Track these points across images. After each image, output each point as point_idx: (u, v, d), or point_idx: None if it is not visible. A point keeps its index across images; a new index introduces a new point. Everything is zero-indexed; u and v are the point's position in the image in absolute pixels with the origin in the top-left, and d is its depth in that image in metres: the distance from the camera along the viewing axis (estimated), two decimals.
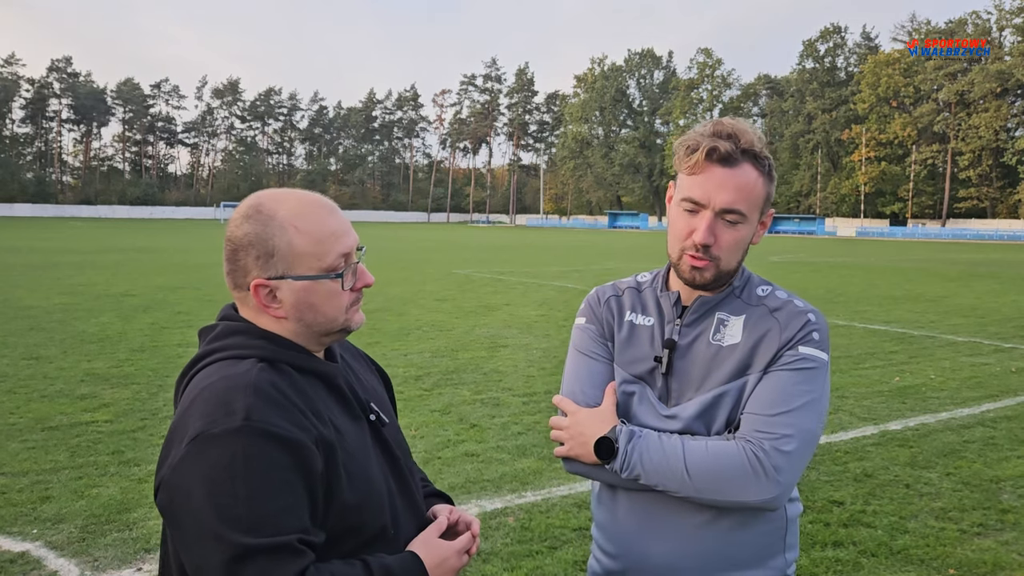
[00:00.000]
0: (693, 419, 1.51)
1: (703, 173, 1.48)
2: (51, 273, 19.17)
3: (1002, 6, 79.09)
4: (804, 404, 1.45)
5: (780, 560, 1.56)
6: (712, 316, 1.57)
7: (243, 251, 1.31)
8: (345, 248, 1.34)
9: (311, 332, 1.36)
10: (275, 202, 1.33)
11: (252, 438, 1.17)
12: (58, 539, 4.09)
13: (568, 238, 57.44)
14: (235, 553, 1.13)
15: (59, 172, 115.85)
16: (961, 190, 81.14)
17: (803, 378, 1.47)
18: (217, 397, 1.22)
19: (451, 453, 5.62)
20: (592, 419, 1.54)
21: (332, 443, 1.26)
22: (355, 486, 1.29)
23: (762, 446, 1.42)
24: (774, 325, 1.52)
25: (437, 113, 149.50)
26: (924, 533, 4.32)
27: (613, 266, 26.53)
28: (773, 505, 1.44)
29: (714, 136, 1.48)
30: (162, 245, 34.44)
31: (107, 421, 6.23)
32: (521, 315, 13.04)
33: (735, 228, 1.49)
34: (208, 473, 1.16)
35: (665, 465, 1.45)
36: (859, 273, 24.67)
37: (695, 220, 1.50)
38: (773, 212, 1.61)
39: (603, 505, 1.63)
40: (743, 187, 1.48)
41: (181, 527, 1.20)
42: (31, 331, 10.42)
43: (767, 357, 1.50)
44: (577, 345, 1.68)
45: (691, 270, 1.52)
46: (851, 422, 6.57)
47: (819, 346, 1.51)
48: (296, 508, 1.19)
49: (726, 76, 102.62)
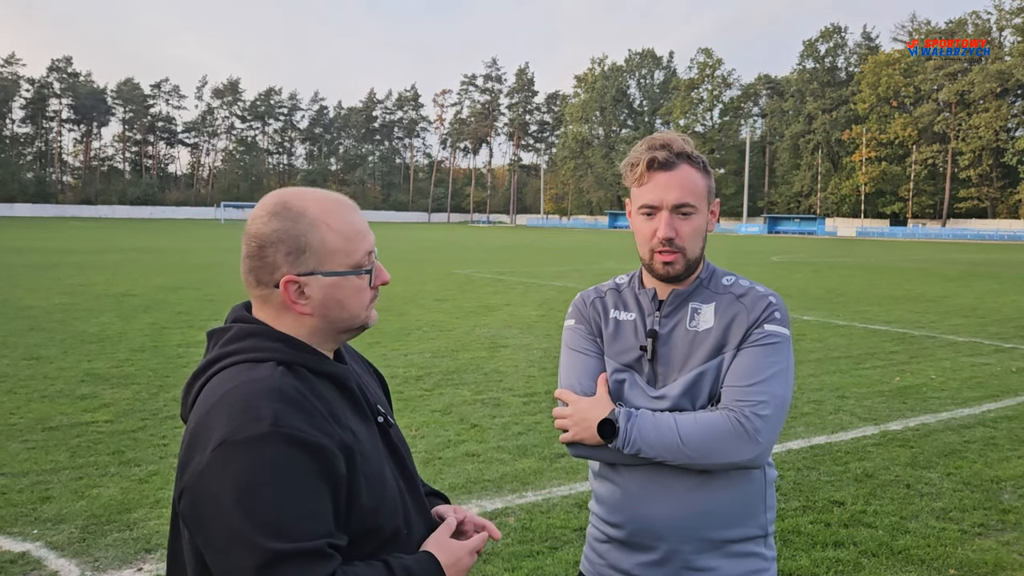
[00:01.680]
0: (679, 397, 1.71)
1: (650, 181, 1.72)
2: (51, 273, 19.18)
3: (1002, 6, 79.09)
4: (774, 374, 1.67)
5: (762, 518, 1.77)
6: (686, 306, 1.78)
7: (272, 247, 1.31)
8: (369, 246, 1.37)
9: (332, 329, 1.37)
10: (302, 200, 1.34)
11: (280, 444, 1.17)
12: (58, 539, 4.09)
13: (568, 238, 57.45)
14: (266, 559, 1.13)
15: (59, 172, 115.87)
16: (961, 190, 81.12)
17: (771, 351, 1.69)
18: (241, 402, 1.21)
19: (452, 453, 5.62)
20: (592, 405, 1.73)
21: (351, 447, 1.26)
22: (372, 489, 1.30)
23: (743, 412, 1.64)
24: (741, 309, 1.74)
25: (437, 113, 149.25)
26: (925, 533, 4.31)
27: (613, 266, 26.52)
28: (756, 464, 1.67)
29: (650, 149, 1.72)
30: (162, 245, 34.46)
31: (107, 421, 6.23)
32: (521, 315, 13.05)
33: (690, 219, 1.72)
34: (236, 480, 1.16)
35: (661, 438, 1.65)
36: (859, 273, 24.67)
37: (654, 222, 1.72)
38: (719, 201, 1.83)
39: (603, 479, 1.82)
40: (686, 183, 1.71)
41: (208, 534, 1.19)
42: (31, 331, 10.43)
43: (738, 336, 1.71)
44: (569, 344, 1.87)
45: (663, 265, 1.73)
46: (852, 422, 6.57)
47: (781, 323, 1.73)
48: (323, 513, 1.20)
49: (726, 76, 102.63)
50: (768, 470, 1.80)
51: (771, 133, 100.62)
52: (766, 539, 1.79)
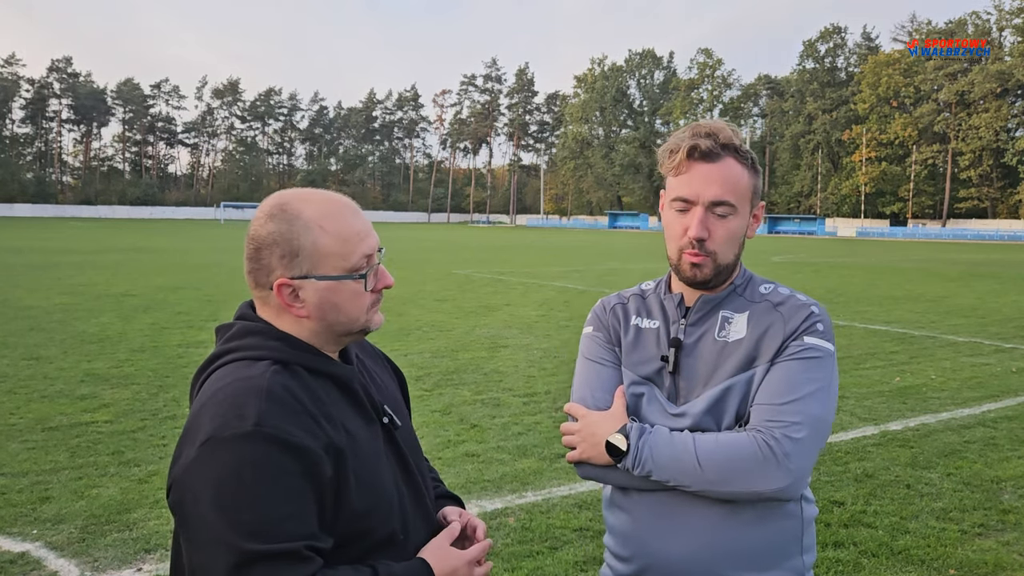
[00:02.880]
0: (702, 415, 1.52)
1: (688, 171, 1.53)
2: (51, 273, 19.18)
3: (1002, 6, 79.01)
4: (812, 392, 1.47)
5: (798, 562, 1.55)
6: (716, 314, 1.59)
7: (267, 250, 1.31)
8: (368, 249, 1.34)
9: (331, 332, 1.36)
10: (301, 201, 1.32)
11: (262, 444, 1.17)
12: (58, 539, 4.09)
13: (568, 238, 57.44)
14: (241, 559, 1.14)
15: (59, 172, 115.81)
16: (961, 190, 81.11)
17: (810, 367, 1.49)
18: (229, 400, 1.22)
19: (451, 453, 5.62)
20: (603, 421, 1.56)
21: (342, 448, 1.26)
22: (364, 492, 1.28)
23: (772, 434, 1.43)
24: (778, 318, 1.55)
25: (437, 113, 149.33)
26: (925, 533, 4.31)
27: (613, 266, 26.53)
28: (787, 495, 1.44)
29: (694, 136, 1.53)
30: (162, 245, 34.45)
31: (107, 421, 6.23)
32: (521, 315, 13.04)
33: (727, 220, 1.53)
34: (217, 477, 1.16)
35: (676, 458, 1.47)
36: (859, 273, 24.67)
37: (687, 218, 1.53)
38: (764, 205, 1.64)
39: (616, 508, 1.63)
40: (728, 179, 1.52)
41: (189, 528, 1.20)
42: (31, 331, 10.42)
43: (773, 348, 1.52)
44: (585, 353, 1.70)
45: (691, 267, 1.55)
46: (852, 422, 6.57)
47: (824, 336, 1.54)
48: (304, 515, 1.19)
49: (726, 76, 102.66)
50: (808, 507, 1.58)
51: (771, 133, 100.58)
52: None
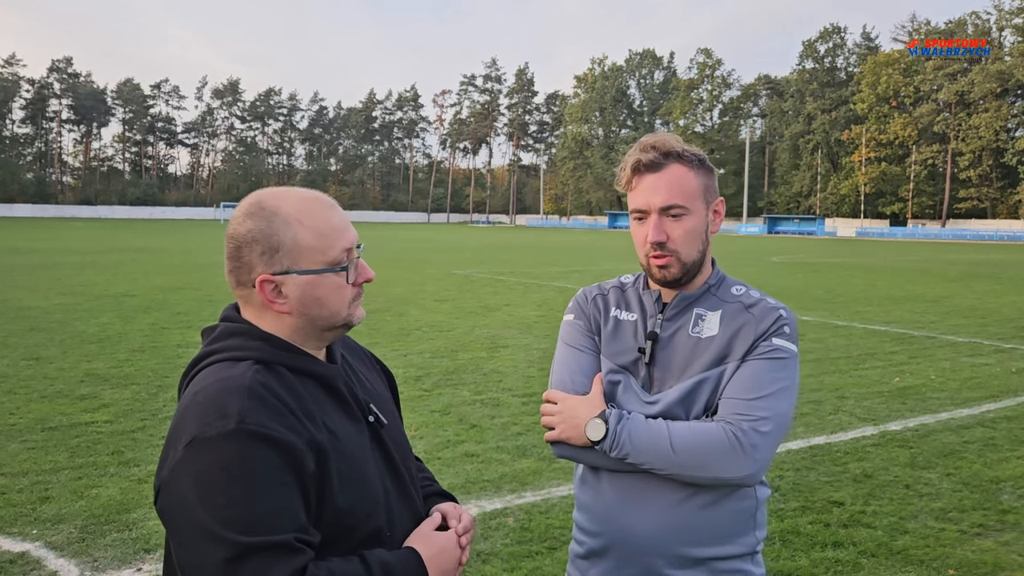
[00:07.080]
0: (674, 404, 1.64)
1: (638, 185, 1.68)
2: (51, 273, 19.18)
3: (1002, 6, 78.90)
4: (779, 390, 1.60)
5: (751, 538, 1.69)
6: (691, 311, 1.72)
7: (247, 247, 1.32)
8: (348, 243, 1.36)
9: (314, 327, 1.37)
10: (277, 199, 1.34)
11: (245, 440, 1.19)
12: (58, 539, 4.09)
13: (568, 238, 57.44)
14: (234, 552, 1.15)
15: (59, 172, 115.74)
16: (961, 190, 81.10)
17: (776, 367, 1.62)
18: (212, 400, 1.23)
19: (451, 453, 5.62)
20: (582, 404, 1.67)
21: (324, 446, 1.27)
22: (348, 489, 1.29)
23: (741, 426, 1.56)
24: (750, 319, 1.67)
25: (437, 113, 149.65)
26: (924, 534, 4.32)
27: (613, 266, 26.52)
28: (749, 482, 1.58)
29: (638, 151, 1.68)
30: (162, 245, 34.44)
31: (107, 421, 6.23)
32: (521, 315, 13.05)
33: (682, 221, 1.66)
34: (203, 476, 1.18)
35: (652, 443, 1.58)
36: (859, 273, 24.67)
37: (645, 226, 1.68)
38: (723, 200, 1.76)
39: (587, 486, 1.75)
40: (674, 184, 1.65)
41: (178, 529, 1.21)
42: (31, 331, 10.43)
43: (744, 347, 1.64)
44: (565, 339, 1.81)
45: (658, 270, 1.68)
46: (851, 422, 6.57)
47: (790, 339, 1.66)
48: (292, 508, 1.21)
49: (726, 76, 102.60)
50: (761, 489, 1.71)
51: (771, 133, 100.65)
52: (753, 556, 1.71)
